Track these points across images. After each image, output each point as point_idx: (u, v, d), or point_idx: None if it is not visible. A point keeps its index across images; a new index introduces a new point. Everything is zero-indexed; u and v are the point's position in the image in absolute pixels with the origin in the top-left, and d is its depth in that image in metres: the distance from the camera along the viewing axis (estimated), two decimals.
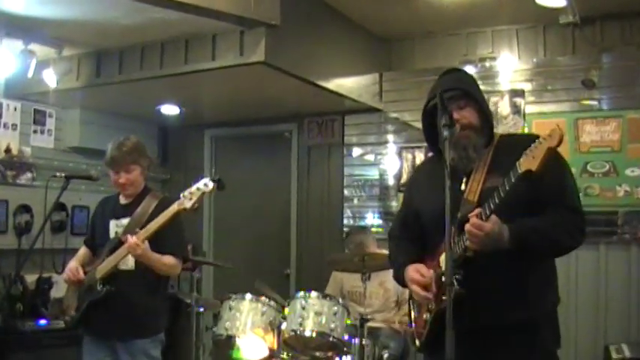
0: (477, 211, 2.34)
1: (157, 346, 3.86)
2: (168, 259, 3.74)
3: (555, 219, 2.46)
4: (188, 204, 3.50)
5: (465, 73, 2.94)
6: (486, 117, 2.64)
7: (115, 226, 3.87)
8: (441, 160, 2.49)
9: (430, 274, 2.60)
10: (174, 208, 3.54)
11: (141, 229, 3.65)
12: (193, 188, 3.52)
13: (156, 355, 3.85)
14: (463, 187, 2.58)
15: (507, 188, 2.26)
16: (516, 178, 2.25)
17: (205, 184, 3.52)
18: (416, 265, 2.68)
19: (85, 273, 3.81)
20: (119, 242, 3.71)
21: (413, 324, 2.84)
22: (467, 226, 2.32)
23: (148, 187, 4.01)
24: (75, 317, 3.81)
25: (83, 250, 4.08)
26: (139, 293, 3.75)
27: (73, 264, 3.90)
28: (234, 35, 4.65)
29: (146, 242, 3.59)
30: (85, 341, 3.88)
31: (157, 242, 3.64)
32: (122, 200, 3.95)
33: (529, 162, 2.20)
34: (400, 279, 2.82)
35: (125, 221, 3.82)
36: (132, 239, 3.57)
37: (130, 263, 3.75)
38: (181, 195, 3.52)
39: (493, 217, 2.32)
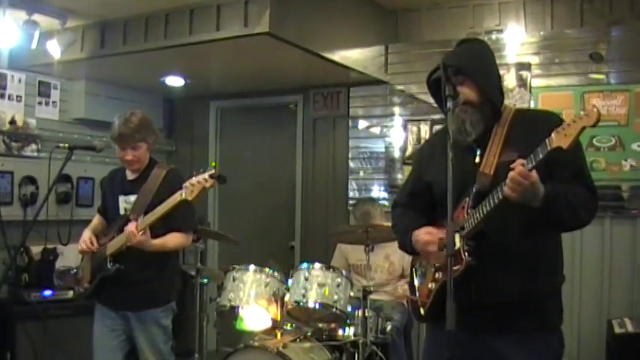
0: (521, 160, 2.25)
1: (167, 316, 3.93)
2: (173, 240, 3.79)
3: (580, 193, 2.44)
4: (190, 196, 3.48)
5: (474, 46, 2.80)
6: (485, 93, 2.59)
7: (124, 202, 3.91)
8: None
9: (441, 234, 2.56)
10: (175, 198, 3.54)
11: (147, 209, 3.68)
12: (194, 180, 3.46)
13: (166, 323, 3.92)
14: (477, 160, 2.57)
15: (534, 164, 2.21)
16: (545, 155, 2.19)
17: (205, 179, 3.44)
18: (426, 228, 2.67)
19: (100, 244, 3.87)
20: (128, 220, 3.74)
21: (416, 292, 2.82)
22: (512, 174, 2.23)
23: (154, 160, 4.00)
24: (88, 290, 3.88)
25: (97, 220, 4.14)
26: (150, 267, 3.80)
27: (87, 234, 3.96)
28: (239, 5, 4.61)
29: (147, 231, 3.62)
30: (97, 307, 3.95)
31: (164, 218, 3.65)
32: (129, 175, 3.96)
33: (561, 139, 2.14)
34: (406, 243, 2.78)
35: (133, 198, 3.85)
36: (131, 227, 3.60)
37: None
38: (183, 185, 3.48)
39: (533, 171, 2.24)
